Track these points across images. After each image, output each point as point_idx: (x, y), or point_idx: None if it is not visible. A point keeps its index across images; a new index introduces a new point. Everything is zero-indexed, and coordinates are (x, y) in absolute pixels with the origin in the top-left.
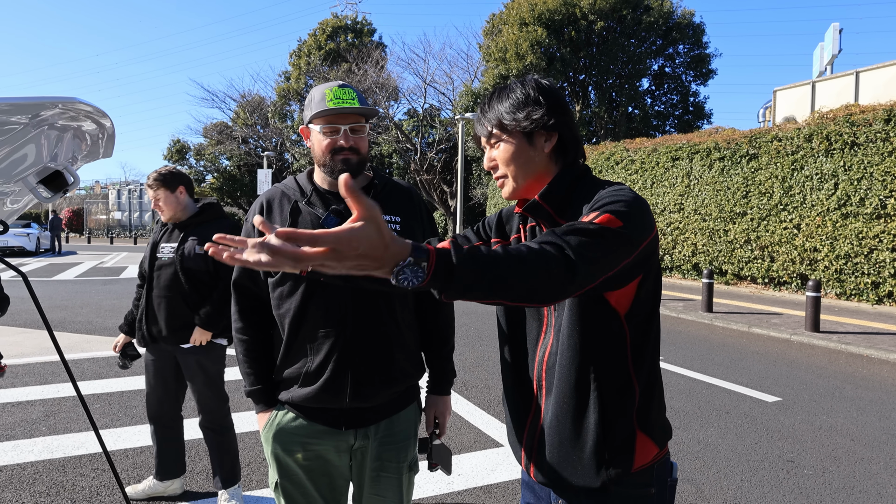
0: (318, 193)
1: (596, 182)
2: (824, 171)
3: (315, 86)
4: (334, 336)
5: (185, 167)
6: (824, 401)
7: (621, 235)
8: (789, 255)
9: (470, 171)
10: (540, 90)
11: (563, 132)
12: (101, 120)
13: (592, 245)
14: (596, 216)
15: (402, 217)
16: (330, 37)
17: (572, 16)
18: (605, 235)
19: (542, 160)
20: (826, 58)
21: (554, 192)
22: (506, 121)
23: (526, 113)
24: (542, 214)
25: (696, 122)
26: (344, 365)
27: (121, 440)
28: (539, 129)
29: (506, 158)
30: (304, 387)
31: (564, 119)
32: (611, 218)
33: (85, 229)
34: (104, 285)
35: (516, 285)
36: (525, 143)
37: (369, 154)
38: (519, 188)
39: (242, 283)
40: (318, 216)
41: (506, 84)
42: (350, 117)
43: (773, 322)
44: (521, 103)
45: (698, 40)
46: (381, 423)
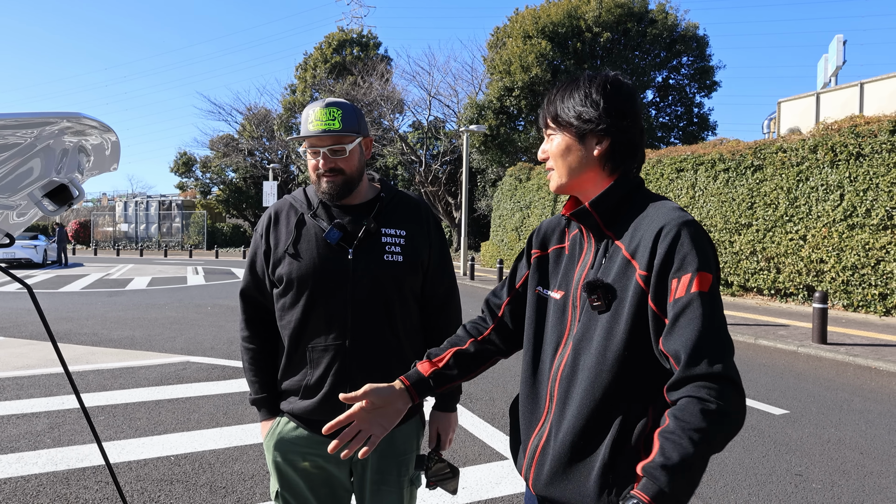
0: (323, 206)
1: (648, 196)
2: (830, 182)
3: (319, 98)
4: (334, 350)
5: (192, 179)
6: (832, 413)
7: (716, 292)
8: (795, 267)
9: (474, 183)
10: (602, 91)
11: (616, 138)
12: (106, 134)
13: (717, 342)
14: (688, 281)
15: (408, 231)
16: (336, 50)
17: (576, 28)
18: (715, 314)
19: (591, 162)
20: (830, 69)
21: (605, 202)
22: (561, 116)
23: (580, 113)
24: (589, 222)
25: (701, 133)
26: (343, 378)
27: (125, 452)
28: (591, 132)
29: (556, 153)
30: (304, 399)
31: (621, 125)
32: (703, 276)
33: (92, 241)
34: (110, 297)
35: (719, 448)
36: (576, 142)
37: (361, 170)
38: (564, 185)
39: (249, 293)
40: (322, 229)
41: (576, 76)
42: (328, 139)
43: (780, 334)
44: (579, 101)
45: (702, 52)
46: None
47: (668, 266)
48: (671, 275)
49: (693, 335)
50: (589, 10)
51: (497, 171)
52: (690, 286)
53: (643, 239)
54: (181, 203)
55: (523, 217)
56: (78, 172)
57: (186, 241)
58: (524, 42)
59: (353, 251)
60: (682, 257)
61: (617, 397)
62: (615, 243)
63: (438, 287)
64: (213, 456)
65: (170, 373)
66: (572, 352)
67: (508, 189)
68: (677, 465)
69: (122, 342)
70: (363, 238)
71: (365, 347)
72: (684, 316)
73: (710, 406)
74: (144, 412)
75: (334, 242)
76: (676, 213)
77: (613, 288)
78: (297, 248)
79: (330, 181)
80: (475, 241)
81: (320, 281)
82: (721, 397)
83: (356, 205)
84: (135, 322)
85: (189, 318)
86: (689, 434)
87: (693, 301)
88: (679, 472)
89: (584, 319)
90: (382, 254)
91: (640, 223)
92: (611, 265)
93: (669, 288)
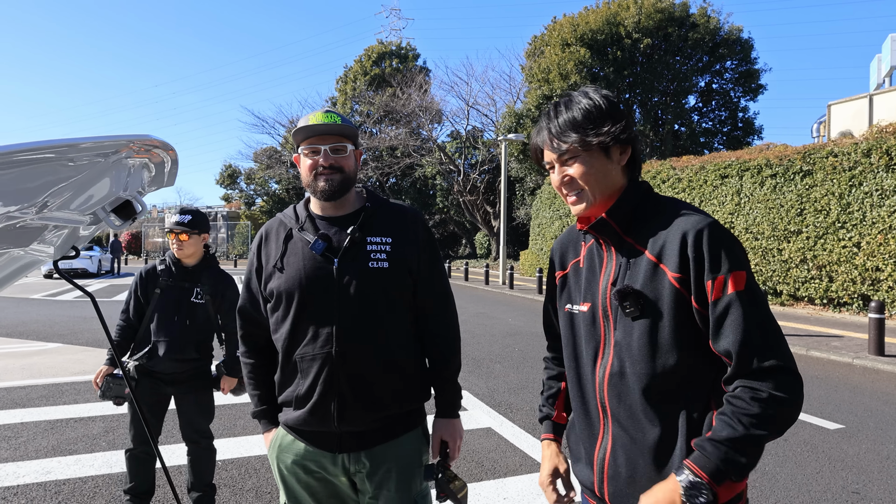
0: (311, 219)
1: (659, 200)
2: (885, 186)
3: (359, 110)
4: (321, 359)
5: (237, 191)
6: (891, 429)
7: (753, 286)
8: (849, 275)
9: (513, 192)
10: (610, 102)
11: (634, 145)
12: (168, 152)
13: (763, 337)
14: (722, 282)
15: (394, 237)
16: (375, 62)
17: (616, 35)
18: (757, 308)
19: (618, 174)
20: (884, 69)
21: (621, 210)
22: (589, 136)
23: (608, 127)
24: (608, 232)
25: (746, 138)
26: (330, 388)
27: (175, 457)
28: (616, 143)
29: (584, 174)
30: (296, 410)
31: (635, 132)
32: (737, 275)
33: (142, 251)
34: None
35: (777, 431)
36: (604, 158)
37: (356, 174)
38: (595, 203)
39: (246, 310)
40: (307, 241)
41: (568, 97)
42: (330, 138)
43: (834, 345)
44: (597, 117)
45: (747, 56)
46: (375, 448)
47: (701, 269)
48: (705, 277)
49: (739, 335)
50: (628, 16)
51: (536, 180)
52: (726, 287)
53: (668, 242)
54: (226, 214)
55: (563, 225)
56: (141, 189)
57: (231, 251)
58: (563, 50)
59: (339, 260)
60: (713, 259)
61: (676, 396)
62: (637, 248)
63: (430, 293)
64: (259, 461)
65: None
66: (615, 361)
67: (548, 197)
68: (725, 440)
69: None
70: (348, 247)
71: (352, 355)
72: (727, 318)
73: (762, 394)
74: None
75: (319, 253)
76: (695, 214)
77: (644, 294)
78: (285, 261)
79: (328, 178)
80: (514, 250)
81: (307, 291)
82: (775, 385)
83: (342, 216)
84: None
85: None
86: (740, 416)
87: (732, 302)
88: (727, 447)
89: (621, 328)
90: (367, 261)
91: (660, 226)
92: (637, 271)
93: (706, 290)
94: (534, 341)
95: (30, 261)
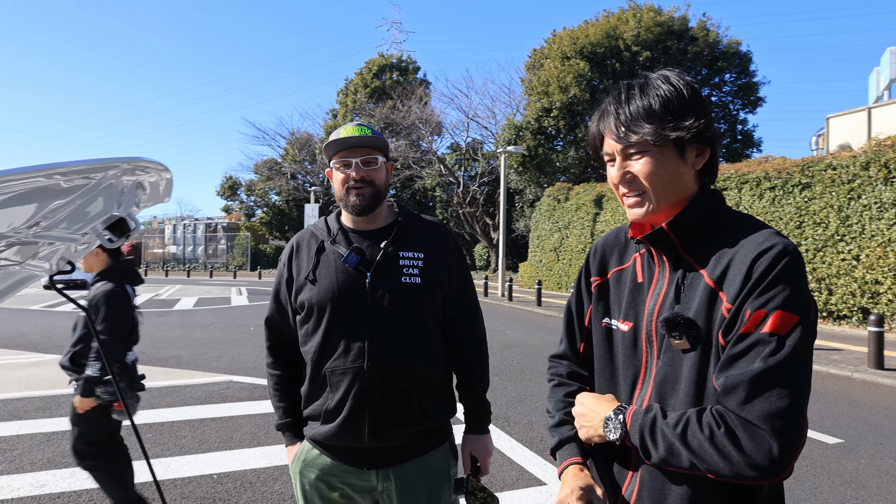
0: (343, 232)
1: (731, 216)
2: (884, 199)
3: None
4: (352, 374)
5: (237, 202)
6: (891, 443)
7: (802, 340)
8: (848, 288)
9: (512, 204)
10: (695, 91)
11: (714, 147)
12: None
13: (779, 395)
14: (761, 317)
15: (426, 254)
16: (376, 75)
17: (615, 48)
18: (786, 364)
19: (690, 179)
20: (883, 83)
21: (686, 221)
22: (665, 129)
23: (689, 122)
24: (665, 245)
25: (745, 150)
26: (361, 403)
27: (170, 470)
28: (695, 143)
29: (651, 173)
30: (324, 424)
31: (717, 131)
32: (785, 317)
33: (142, 262)
34: (159, 317)
35: (709, 471)
36: (677, 158)
37: (388, 186)
38: (657, 210)
39: (274, 321)
40: (340, 254)
41: (644, 79)
42: (361, 150)
43: (833, 358)
44: (678, 108)
45: (745, 69)
46: (405, 464)
47: (748, 294)
48: (746, 304)
49: (749, 374)
50: (628, 29)
51: (535, 192)
52: (763, 324)
53: (733, 265)
54: (226, 225)
55: (562, 237)
56: (135, 206)
57: (231, 263)
58: (562, 63)
59: (371, 274)
60: (766, 286)
61: None
62: (696, 269)
63: (460, 309)
64: (255, 475)
65: (214, 392)
66: (654, 394)
67: (547, 209)
68: (660, 431)
69: (170, 361)
70: (381, 261)
71: (384, 370)
72: (743, 358)
73: (720, 430)
74: (189, 430)
75: (352, 266)
76: (776, 238)
77: (697, 324)
78: (317, 274)
79: (359, 193)
80: (513, 261)
81: (339, 305)
82: (747, 435)
83: (375, 229)
84: (181, 341)
85: (232, 338)
86: (678, 434)
87: (761, 341)
88: (657, 435)
89: (666, 359)
90: (400, 276)
91: (726, 244)
92: (691, 296)
93: (741, 317)
94: (532, 354)
95: (26, 275)
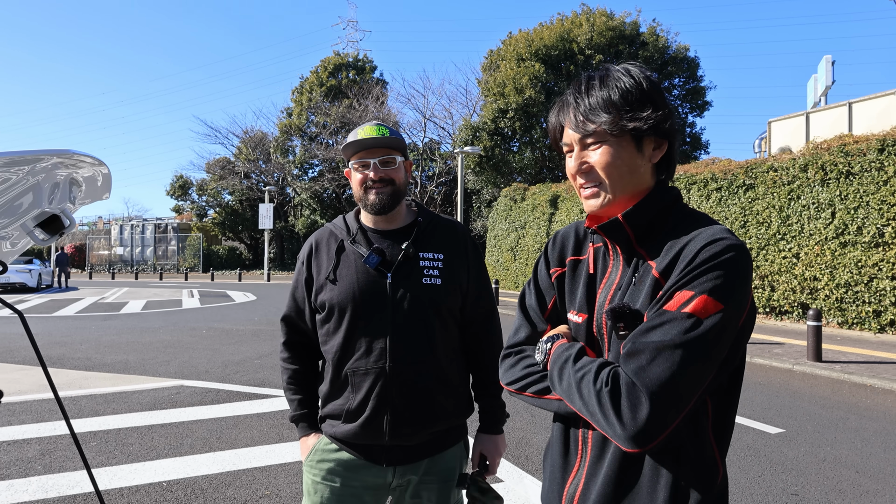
0: (362, 232)
1: (687, 214)
2: (821, 200)
3: (315, 121)
4: (374, 374)
5: (188, 202)
6: (828, 432)
7: (717, 329)
8: (789, 285)
9: (470, 204)
10: (654, 84)
11: (672, 141)
12: (98, 167)
13: (672, 371)
14: (686, 298)
15: (446, 254)
16: (332, 74)
17: (569, 51)
18: (694, 344)
19: (647, 172)
20: (820, 89)
21: (641, 215)
22: (623, 119)
23: (647, 113)
24: (619, 237)
25: (694, 152)
26: (383, 403)
27: (116, 479)
28: (653, 135)
29: (607, 164)
30: (346, 423)
31: (676, 126)
32: (707, 301)
33: (87, 265)
34: (104, 321)
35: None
36: (634, 149)
37: (406, 186)
38: (613, 202)
39: (290, 318)
40: (361, 254)
41: (605, 71)
42: (379, 151)
43: (776, 352)
44: (635, 99)
45: (693, 73)
46: (422, 461)
47: (679, 279)
48: (676, 286)
49: (654, 344)
50: (581, 33)
51: (492, 192)
52: (686, 305)
53: (682, 257)
54: (177, 226)
55: (518, 237)
56: (69, 203)
57: (182, 264)
58: (518, 64)
59: (392, 275)
60: (698, 273)
61: (666, 438)
62: (647, 262)
63: (478, 309)
64: (206, 482)
65: (163, 397)
66: None
67: (504, 209)
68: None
69: (116, 366)
70: (402, 262)
71: (405, 370)
72: (656, 329)
73: (607, 388)
74: (137, 437)
75: (373, 267)
76: (728, 234)
77: (643, 315)
78: (338, 274)
79: (379, 192)
80: None
81: (360, 305)
82: (628, 400)
83: (394, 230)
84: (129, 346)
85: (183, 342)
86: (577, 380)
87: (678, 318)
88: (557, 381)
89: (614, 350)
90: (421, 277)
91: (677, 240)
92: (640, 288)
93: (667, 294)
94: None
95: None
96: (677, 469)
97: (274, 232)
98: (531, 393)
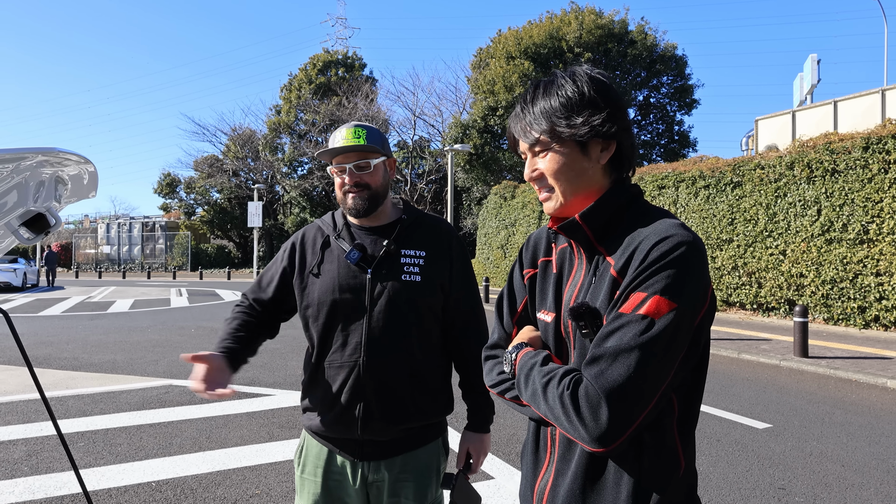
0: (347, 228)
1: (646, 210)
2: (807, 197)
3: (305, 119)
4: (348, 367)
5: (176, 200)
6: (814, 427)
7: (671, 328)
8: (776, 281)
9: (460, 202)
10: (597, 89)
11: (621, 141)
12: (84, 165)
13: (629, 374)
14: (642, 301)
15: (428, 252)
16: (321, 71)
17: (558, 49)
18: (649, 346)
19: (596, 173)
20: (806, 87)
21: (598, 214)
22: (559, 127)
23: (583, 118)
24: (579, 236)
25: (682, 150)
26: (356, 396)
27: (104, 479)
28: (596, 138)
29: (555, 170)
30: (321, 415)
31: (624, 125)
32: (660, 302)
33: (73, 264)
34: (91, 320)
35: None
36: (578, 154)
37: (386, 186)
38: (566, 204)
39: (251, 291)
40: (343, 250)
41: (551, 77)
42: (353, 155)
43: (763, 348)
44: (575, 105)
45: (681, 72)
46: (396, 458)
47: (632, 280)
48: (632, 286)
49: (611, 350)
50: (570, 31)
51: (482, 190)
52: (640, 307)
53: (635, 255)
54: (165, 224)
55: (508, 235)
56: (55, 201)
57: (170, 263)
58: (507, 62)
59: (372, 271)
60: (651, 273)
61: (631, 435)
62: (606, 260)
63: (461, 307)
64: (196, 481)
65: (152, 397)
66: None
67: (493, 207)
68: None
69: (104, 366)
70: (383, 258)
71: (380, 365)
72: (614, 334)
73: (567, 391)
74: (125, 437)
75: (354, 262)
76: (679, 230)
77: (601, 314)
78: (321, 268)
79: (356, 196)
80: None
81: (339, 299)
82: (587, 404)
83: (378, 226)
84: (116, 346)
85: (172, 341)
86: (542, 384)
87: (633, 321)
88: (524, 387)
89: (579, 348)
90: (401, 273)
91: (634, 238)
92: (600, 286)
93: (623, 297)
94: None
95: None
96: (639, 464)
97: (263, 230)
98: (508, 398)
